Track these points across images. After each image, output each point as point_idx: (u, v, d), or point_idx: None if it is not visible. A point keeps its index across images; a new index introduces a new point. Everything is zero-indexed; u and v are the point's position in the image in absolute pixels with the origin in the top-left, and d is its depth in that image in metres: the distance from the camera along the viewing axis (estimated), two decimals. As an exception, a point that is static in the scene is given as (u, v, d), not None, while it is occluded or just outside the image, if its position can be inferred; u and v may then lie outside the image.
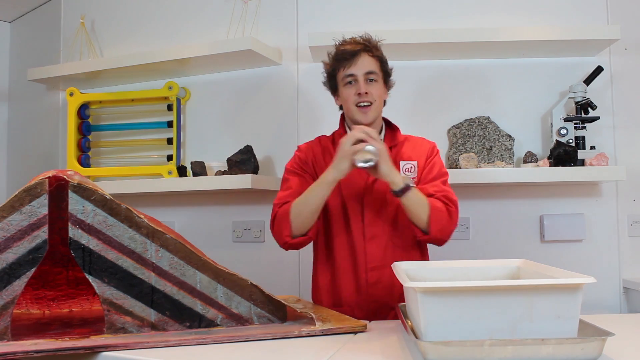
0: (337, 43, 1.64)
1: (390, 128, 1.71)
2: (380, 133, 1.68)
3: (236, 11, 2.51)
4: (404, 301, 1.37)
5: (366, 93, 1.58)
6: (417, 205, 1.51)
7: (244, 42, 2.29)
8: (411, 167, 1.65)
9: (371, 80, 1.59)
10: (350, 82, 1.59)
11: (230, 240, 2.56)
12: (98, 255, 1.24)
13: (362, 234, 1.62)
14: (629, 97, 2.32)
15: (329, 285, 1.66)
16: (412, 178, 1.63)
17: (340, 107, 1.70)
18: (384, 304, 1.61)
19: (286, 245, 1.59)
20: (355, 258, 1.62)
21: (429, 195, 1.56)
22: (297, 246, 1.60)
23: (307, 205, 1.54)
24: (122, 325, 1.25)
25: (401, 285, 1.57)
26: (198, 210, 2.62)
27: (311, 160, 1.69)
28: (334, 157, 1.52)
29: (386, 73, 1.65)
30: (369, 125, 1.62)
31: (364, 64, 1.58)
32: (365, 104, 1.59)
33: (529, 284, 1.03)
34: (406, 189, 1.48)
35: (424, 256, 1.69)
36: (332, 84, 1.66)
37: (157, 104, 2.66)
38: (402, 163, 1.65)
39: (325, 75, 1.68)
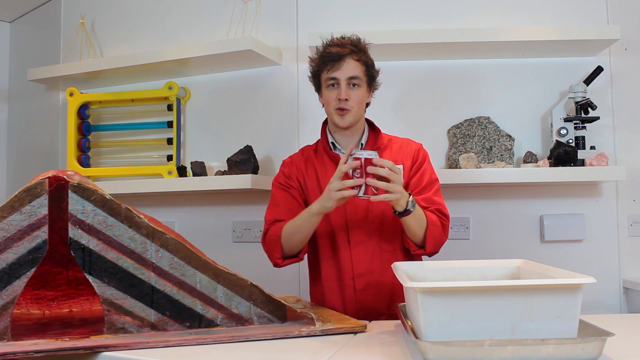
0: (325, 42, 1.62)
1: (372, 130, 1.69)
2: (362, 136, 1.67)
3: (236, 11, 2.51)
4: (392, 306, 1.37)
5: (346, 100, 1.56)
6: (417, 223, 1.50)
7: (244, 42, 2.29)
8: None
9: (354, 85, 1.58)
10: (332, 85, 1.58)
11: (230, 240, 2.56)
12: (98, 255, 1.24)
13: (347, 240, 1.61)
14: (629, 97, 2.32)
15: (320, 294, 1.67)
16: None
17: (322, 105, 1.69)
18: (373, 310, 1.60)
19: (277, 266, 1.62)
20: (341, 266, 1.62)
21: (422, 209, 1.54)
22: (287, 265, 1.62)
23: (296, 233, 1.55)
24: (122, 326, 1.25)
25: (390, 290, 1.59)
26: (198, 210, 2.62)
27: (295, 174, 1.68)
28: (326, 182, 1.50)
29: (371, 77, 1.62)
30: (347, 128, 1.62)
31: (348, 69, 1.56)
32: (344, 109, 1.58)
33: (529, 284, 1.03)
34: (408, 212, 1.45)
35: (412, 258, 1.66)
36: (316, 82, 1.66)
37: (157, 104, 2.66)
38: None
39: (310, 71, 1.67)
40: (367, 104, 1.67)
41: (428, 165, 1.65)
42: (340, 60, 1.56)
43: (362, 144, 1.66)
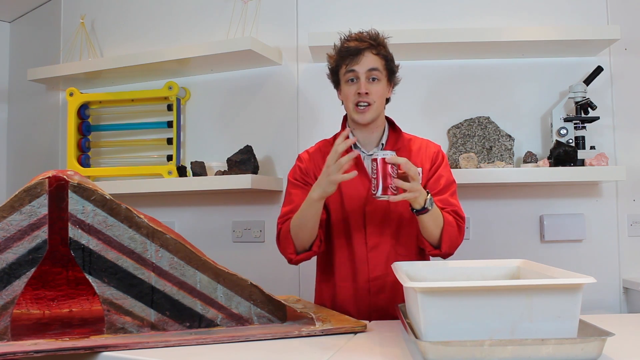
0: (343, 37, 1.60)
1: (393, 129, 1.67)
2: (383, 134, 1.64)
3: (236, 11, 2.51)
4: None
5: (366, 93, 1.54)
6: (434, 222, 1.48)
7: (244, 42, 2.29)
8: None
9: (373, 79, 1.55)
10: (352, 80, 1.56)
11: (230, 240, 2.56)
12: (98, 255, 1.24)
13: (365, 243, 1.60)
14: (629, 97, 2.32)
15: (331, 295, 1.65)
16: None
17: (341, 101, 1.67)
18: (387, 313, 1.59)
19: (292, 262, 1.58)
20: (357, 268, 1.60)
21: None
22: (303, 260, 1.59)
23: (302, 226, 1.52)
24: (122, 325, 1.25)
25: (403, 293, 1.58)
26: (198, 210, 2.62)
27: (312, 169, 1.66)
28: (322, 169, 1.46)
29: (390, 71, 1.60)
30: (367, 125, 1.59)
31: (367, 62, 1.54)
32: (364, 104, 1.55)
33: (529, 284, 1.03)
34: (426, 210, 1.44)
35: None
36: (335, 79, 1.64)
37: (157, 104, 2.66)
38: None
39: (328, 67, 1.65)
40: (388, 100, 1.65)
41: (445, 167, 1.64)
42: (359, 55, 1.54)
43: (382, 144, 1.63)
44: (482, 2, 2.38)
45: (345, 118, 1.70)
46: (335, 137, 1.71)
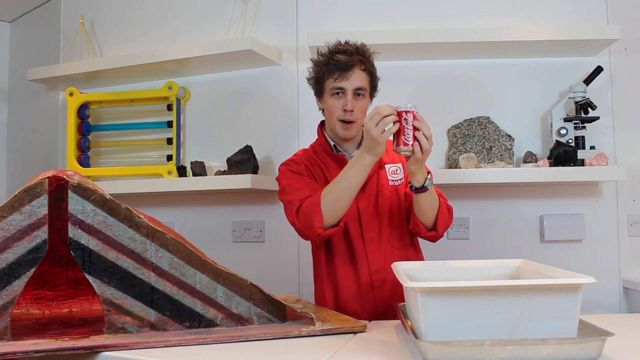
0: (330, 47, 1.61)
1: None
2: (361, 140, 1.67)
3: (236, 11, 2.51)
4: (406, 301, 1.37)
5: (352, 111, 1.56)
6: (431, 202, 1.50)
7: (244, 42, 2.29)
8: (397, 170, 1.66)
9: (358, 95, 1.58)
10: (337, 93, 1.58)
11: (230, 240, 2.56)
12: (98, 255, 1.24)
13: (361, 238, 1.61)
14: (629, 97, 2.32)
15: (334, 295, 1.64)
16: (400, 179, 1.64)
17: (320, 109, 1.69)
18: (390, 306, 1.60)
19: (319, 237, 1.50)
20: (357, 263, 1.61)
21: None
22: (328, 237, 1.54)
23: (343, 194, 1.45)
24: (122, 325, 1.25)
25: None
26: (198, 210, 2.62)
27: (305, 171, 1.65)
28: (365, 140, 1.41)
29: (374, 87, 1.63)
30: (350, 139, 1.63)
31: (355, 80, 1.56)
32: (349, 120, 1.58)
33: (529, 284, 1.03)
34: (425, 188, 1.45)
35: (418, 255, 1.70)
36: (318, 88, 1.64)
37: (157, 104, 2.66)
38: (387, 166, 1.65)
39: (311, 73, 1.66)
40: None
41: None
42: (348, 70, 1.55)
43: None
44: (482, 2, 2.38)
45: (321, 125, 1.71)
46: (314, 146, 1.72)
